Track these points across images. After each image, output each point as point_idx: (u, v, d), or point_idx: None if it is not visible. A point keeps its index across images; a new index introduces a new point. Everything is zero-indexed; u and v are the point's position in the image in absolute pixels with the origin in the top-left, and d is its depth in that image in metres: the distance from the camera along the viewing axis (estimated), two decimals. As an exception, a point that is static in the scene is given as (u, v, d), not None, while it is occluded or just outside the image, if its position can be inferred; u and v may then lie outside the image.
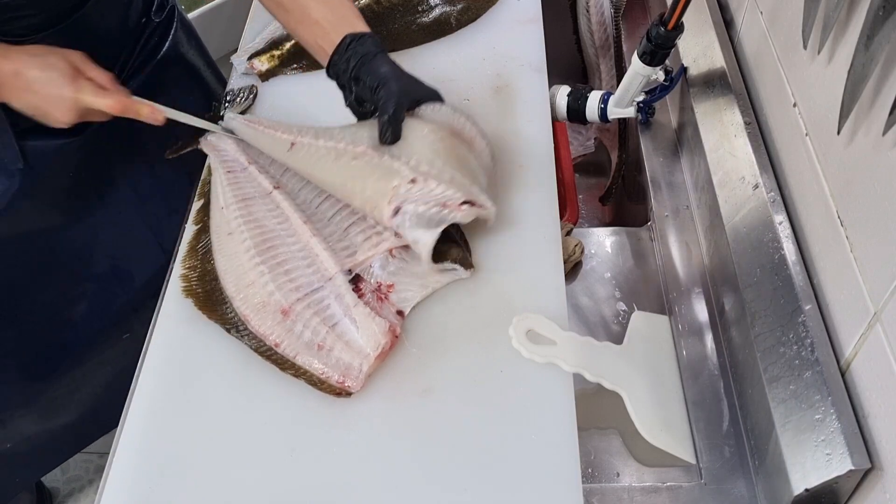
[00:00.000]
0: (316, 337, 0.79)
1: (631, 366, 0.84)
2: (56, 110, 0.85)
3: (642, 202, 1.09)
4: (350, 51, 0.87)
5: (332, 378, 0.77)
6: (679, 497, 0.77)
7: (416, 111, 0.89)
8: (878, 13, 0.56)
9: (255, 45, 1.13)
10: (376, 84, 0.85)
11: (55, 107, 0.85)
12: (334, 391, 0.77)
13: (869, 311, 0.64)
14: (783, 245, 0.78)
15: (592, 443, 0.84)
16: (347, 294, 0.81)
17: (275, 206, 0.90)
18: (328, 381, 0.77)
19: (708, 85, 0.99)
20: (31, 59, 0.85)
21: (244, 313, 0.82)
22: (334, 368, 0.77)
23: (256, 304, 0.82)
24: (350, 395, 0.77)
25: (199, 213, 0.95)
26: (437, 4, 1.14)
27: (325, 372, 0.77)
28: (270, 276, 0.83)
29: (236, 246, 0.86)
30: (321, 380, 0.77)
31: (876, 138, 0.62)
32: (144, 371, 0.81)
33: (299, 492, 0.72)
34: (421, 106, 0.89)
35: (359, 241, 0.86)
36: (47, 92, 0.84)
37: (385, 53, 0.88)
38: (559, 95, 1.12)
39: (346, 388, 0.76)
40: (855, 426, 0.64)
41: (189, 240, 0.93)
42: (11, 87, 0.84)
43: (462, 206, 0.80)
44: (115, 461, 0.75)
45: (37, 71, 0.84)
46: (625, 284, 0.99)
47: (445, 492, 0.71)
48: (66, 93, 0.84)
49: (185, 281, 0.88)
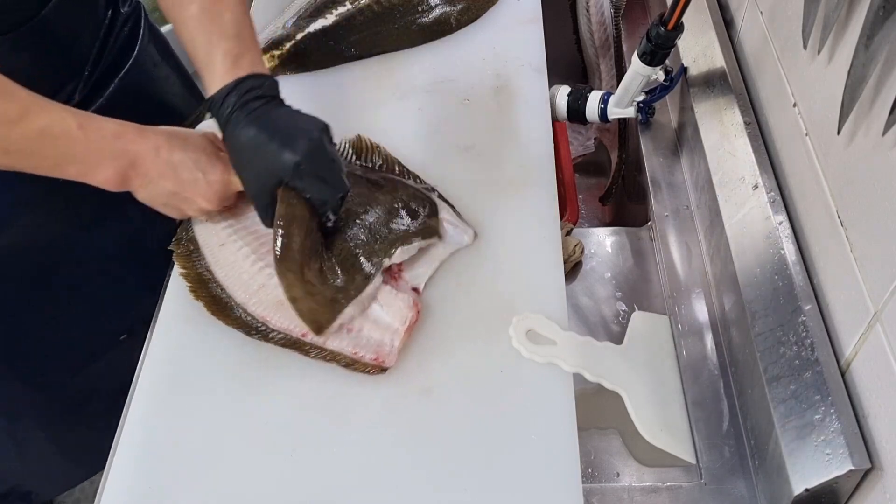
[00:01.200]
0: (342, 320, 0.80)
1: (631, 366, 0.84)
2: (201, 196, 0.78)
3: (642, 202, 1.09)
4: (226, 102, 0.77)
5: (364, 357, 0.78)
6: (679, 497, 0.77)
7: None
8: (878, 13, 0.56)
9: (255, 45, 1.13)
10: (234, 163, 0.78)
11: (200, 192, 0.78)
12: (368, 369, 0.78)
13: (869, 311, 0.64)
14: (783, 245, 0.78)
15: (592, 443, 0.84)
16: None
17: None
18: (361, 360, 0.78)
19: (708, 85, 0.99)
20: (170, 139, 0.76)
21: (262, 314, 0.82)
22: (366, 348, 0.78)
23: (273, 303, 0.81)
24: (385, 370, 0.78)
25: (182, 233, 0.91)
26: (437, 4, 1.14)
27: (357, 352, 0.78)
28: None
29: (233, 255, 0.86)
30: (354, 360, 0.78)
31: (876, 138, 0.62)
32: (144, 371, 0.81)
33: (299, 491, 0.72)
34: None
35: None
36: (193, 176, 0.77)
37: (258, 103, 0.77)
38: (559, 95, 1.12)
39: (381, 364, 0.78)
40: (855, 426, 0.64)
41: (178, 255, 0.89)
42: (148, 169, 0.75)
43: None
44: (115, 461, 0.75)
45: (180, 152, 0.76)
46: (625, 284, 0.99)
47: (445, 492, 0.71)
48: (215, 175, 0.78)
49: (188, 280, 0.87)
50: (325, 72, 1.10)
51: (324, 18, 1.11)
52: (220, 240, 0.87)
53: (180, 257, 0.88)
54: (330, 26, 1.11)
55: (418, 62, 1.10)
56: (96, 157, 0.74)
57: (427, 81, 1.08)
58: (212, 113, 0.79)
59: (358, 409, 0.76)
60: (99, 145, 0.74)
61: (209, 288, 0.85)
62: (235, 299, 0.83)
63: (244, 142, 0.76)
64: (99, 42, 0.91)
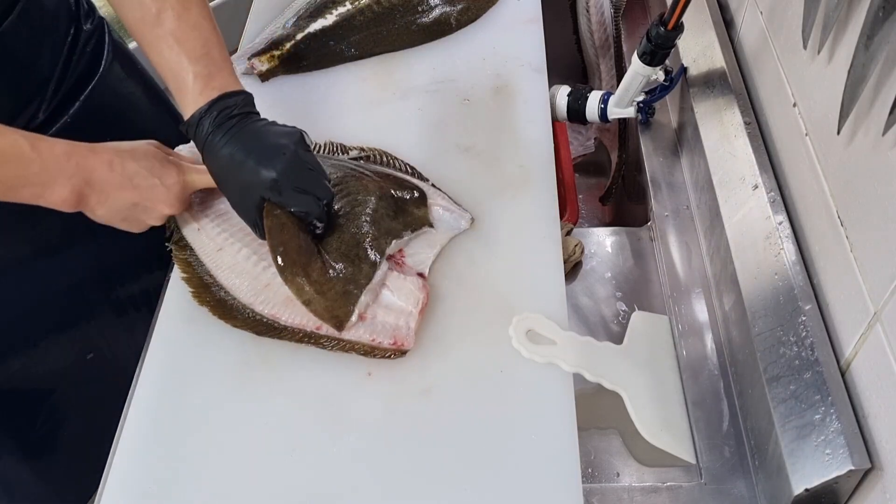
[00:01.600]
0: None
1: (631, 366, 0.84)
2: (162, 202, 0.78)
3: (642, 202, 1.09)
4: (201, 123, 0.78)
5: (383, 343, 0.79)
6: (679, 497, 0.77)
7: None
8: (878, 13, 0.56)
9: (255, 45, 1.13)
10: (218, 184, 0.79)
11: (160, 198, 0.78)
12: (388, 354, 0.79)
13: (869, 311, 0.64)
14: (783, 245, 0.78)
15: (592, 443, 0.84)
16: None
17: None
18: (380, 346, 0.79)
19: (708, 85, 0.99)
20: (120, 152, 0.75)
21: (271, 313, 0.82)
22: (382, 334, 0.79)
23: (281, 300, 0.82)
24: (404, 353, 0.78)
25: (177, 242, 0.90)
26: (437, 4, 1.14)
27: (375, 339, 0.79)
28: None
29: (232, 258, 0.86)
30: (372, 347, 0.79)
31: (876, 138, 0.62)
32: (144, 371, 0.81)
33: (299, 491, 0.72)
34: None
35: None
36: (150, 183, 0.76)
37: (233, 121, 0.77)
38: (559, 95, 1.12)
39: (401, 348, 0.78)
40: (855, 426, 0.64)
41: (178, 259, 0.88)
42: (105, 184, 0.74)
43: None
44: (115, 461, 0.75)
45: (132, 162, 0.76)
46: (625, 284, 0.99)
47: (445, 492, 0.71)
48: (171, 178, 0.78)
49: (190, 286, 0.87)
50: (325, 72, 1.10)
51: (324, 18, 1.11)
52: (216, 245, 0.87)
53: (181, 262, 0.88)
54: (330, 26, 1.11)
55: (418, 62, 1.10)
56: (51, 177, 0.73)
57: (427, 81, 1.08)
58: (189, 137, 0.80)
59: (358, 409, 0.76)
60: (53, 165, 0.73)
61: (212, 292, 0.85)
62: (241, 301, 0.83)
63: (223, 163, 0.78)
64: (62, 60, 0.90)
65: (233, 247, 0.86)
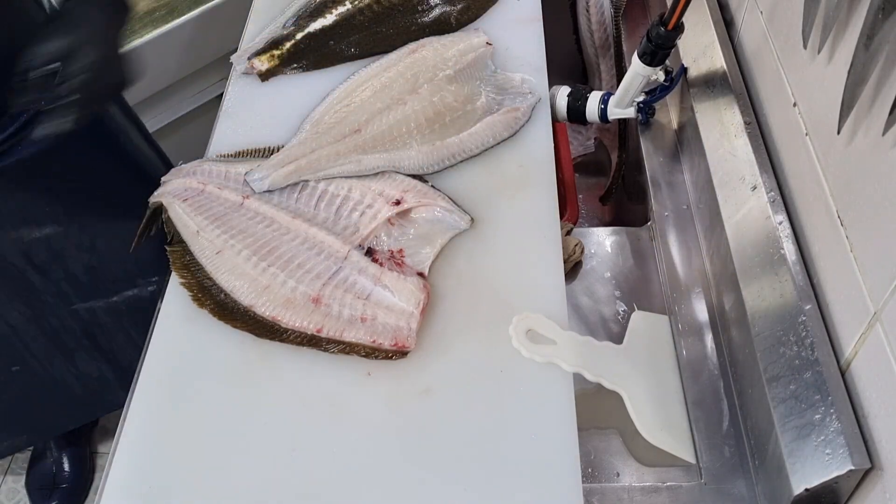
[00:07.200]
0: (355, 312, 0.81)
1: (631, 366, 0.84)
2: None
3: (642, 202, 1.09)
4: None
5: (384, 344, 0.79)
6: (679, 497, 0.77)
7: None
8: (878, 13, 0.56)
9: (255, 45, 1.13)
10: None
11: None
12: (389, 355, 0.79)
13: (869, 311, 0.64)
14: (783, 245, 0.78)
15: (592, 443, 0.84)
16: (369, 266, 0.83)
17: (253, 213, 0.90)
18: (381, 347, 0.79)
19: (708, 85, 0.99)
20: None
21: (272, 315, 0.82)
22: (383, 335, 0.79)
23: (282, 302, 0.82)
24: (406, 354, 0.78)
25: (176, 248, 0.90)
26: (437, 4, 1.14)
27: (375, 340, 0.79)
28: (286, 275, 0.83)
29: (232, 260, 0.86)
30: (374, 348, 0.79)
31: (876, 138, 0.62)
32: (144, 371, 0.81)
33: (299, 491, 0.72)
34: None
35: (356, 218, 0.88)
36: None
37: None
38: (559, 95, 1.12)
39: (402, 349, 0.79)
40: (855, 426, 0.64)
41: (176, 265, 0.88)
42: None
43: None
44: (115, 461, 0.75)
45: None
46: (625, 284, 0.99)
47: (445, 491, 0.71)
48: None
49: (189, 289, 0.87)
50: (325, 71, 1.10)
51: (324, 18, 1.11)
52: (215, 248, 0.87)
53: (178, 267, 0.88)
54: (330, 26, 1.11)
55: (418, 62, 1.10)
56: None
57: (427, 81, 1.07)
58: None
59: (358, 409, 0.76)
60: None
61: (212, 294, 0.85)
62: (242, 303, 0.83)
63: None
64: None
65: (232, 249, 0.86)
